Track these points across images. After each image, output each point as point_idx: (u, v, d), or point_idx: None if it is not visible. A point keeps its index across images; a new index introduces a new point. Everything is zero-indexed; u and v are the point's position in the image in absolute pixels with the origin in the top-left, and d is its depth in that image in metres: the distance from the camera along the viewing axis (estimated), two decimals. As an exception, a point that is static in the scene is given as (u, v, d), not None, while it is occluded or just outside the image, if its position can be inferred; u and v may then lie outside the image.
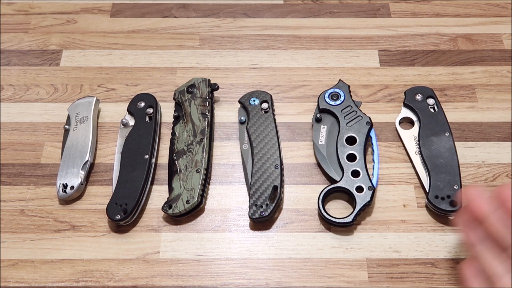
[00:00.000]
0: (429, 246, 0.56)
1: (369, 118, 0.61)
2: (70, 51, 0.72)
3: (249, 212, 0.57)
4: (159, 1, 0.78)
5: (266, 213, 0.56)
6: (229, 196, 0.60)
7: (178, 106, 0.65)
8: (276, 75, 0.70)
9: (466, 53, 0.72)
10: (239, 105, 0.66)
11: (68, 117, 0.64)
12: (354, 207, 0.57)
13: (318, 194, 0.58)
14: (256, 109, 0.64)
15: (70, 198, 0.59)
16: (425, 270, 0.55)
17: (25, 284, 0.55)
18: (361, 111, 0.62)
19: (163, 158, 0.63)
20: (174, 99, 0.66)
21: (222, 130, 0.65)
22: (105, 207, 0.57)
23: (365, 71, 0.70)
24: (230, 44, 0.73)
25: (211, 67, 0.71)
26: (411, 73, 0.70)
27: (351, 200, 0.58)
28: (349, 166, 0.58)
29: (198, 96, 0.64)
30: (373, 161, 0.60)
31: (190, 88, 0.65)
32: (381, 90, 0.68)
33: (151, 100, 0.65)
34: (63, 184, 0.59)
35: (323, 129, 0.62)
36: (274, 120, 0.63)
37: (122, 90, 0.69)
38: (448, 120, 0.62)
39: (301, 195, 0.60)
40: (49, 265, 0.56)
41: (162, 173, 0.62)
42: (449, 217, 0.58)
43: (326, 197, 0.58)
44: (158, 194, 0.60)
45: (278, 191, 0.57)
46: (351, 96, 0.64)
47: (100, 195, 0.60)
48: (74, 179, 0.59)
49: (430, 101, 0.64)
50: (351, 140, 0.60)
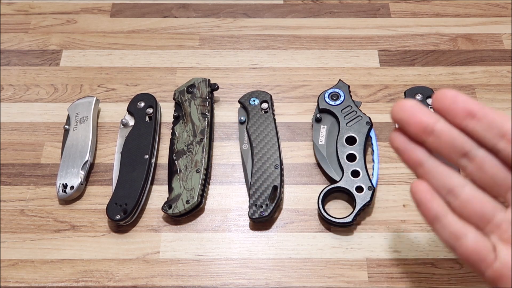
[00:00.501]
0: (429, 246, 0.56)
1: (369, 118, 0.61)
2: (70, 51, 0.72)
3: (249, 212, 0.57)
4: (159, 1, 0.78)
5: (266, 213, 0.56)
6: (229, 196, 0.60)
7: (178, 106, 0.65)
8: (276, 75, 0.70)
9: (466, 53, 0.72)
10: (239, 105, 0.66)
11: (68, 117, 0.64)
12: (354, 207, 0.57)
13: (318, 194, 0.58)
14: (256, 109, 0.64)
15: (70, 198, 0.59)
16: (425, 270, 0.55)
17: (25, 284, 0.55)
18: (361, 111, 0.62)
19: (163, 158, 0.63)
20: (174, 99, 0.66)
21: (222, 130, 0.65)
22: (105, 207, 0.57)
23: (365, 71, 0.70)
24: (230, 44, 0.73)
25: (211, 67, 0.71)
26: (411, 73, 0.70)
27: (351, 200, 0.58)
28: (349, 166, 0.58)
29: (198, 96, 0.64)
30: (373, 161, 0.60)
31: (190, 88, 0.65)
32: (381, 90, 0.68)
33: (151, 100, 0.65)
34: (63, 184, 0.59)
35: (323, 129, 0.62)
36: (274, 120, 0.63)
37: (122, 90, 0.69)
38: (448, 120, 0.62)
39: (301, 195, 0.60)
40: (49, 265, 0.56)
41: (162, 173, 0.62)
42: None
43: (326, 197, 0.58)
44: (158, 194, 0.60)
45: (278, 191, 0.57)
46: (351, 96, 0.64)
47: (100, 195, 0.60)
48: (74, 179, 0.59)
49: (430, 101, 0.64)
50: (351, 140, 0.60)
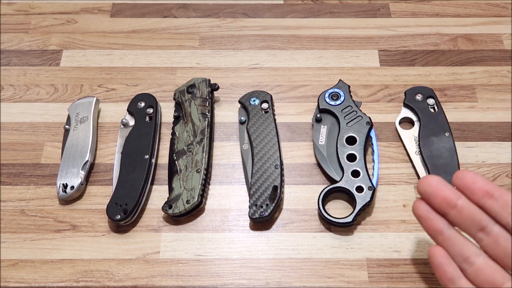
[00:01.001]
0: (429, 246, 0.56)
1: (369, 118, 0.61)
2: (70, 51, 0.72)
3: (249, 212, 0.57)
4: (159, 1, 0.78)
5: (266, 213, 0.56)
6: (229, 196, 0.60)
7: (178, 106, 0.65)
8: (276, 75, 0.70)
9: (466, 53, 0.72)
10: (239, 105, 0.66)
11: (68, 117, 0.64)
12: (354, 207, 0.57)
13: (318, 194, 0.58)
14: (256, 109, 0.64)
15: (70, 198, 0.59)
16: (425, 270, 0.55)
17: (25, 284, 0.55)
18: (361, 111, 0.62)
19: (163, 158, 0.63)
20: (174, 99, 0.66)
21: (222, 130, 0.65)
22: (105, 207, 0.57)
23: (365, 71, 0.70)
24: (230, 44, 0.73)
25: (211, 67, 0.71)
26: (411, 73, 0.70)
27: (351, 200, 0.58)
28: (349, 166, 0.58)
29: (198, 96, 0.64)
30: (373, 161, 0.60)
31: (190, 88, 0.65)
32: (381, 90, 0.68)
33: (151, 100, 0.65)
34: (63, 184, 0.59)
35: (323, 129, 0.62)
36: (274, 120, 0.63)
37: (122, 90, 0.69)
38: (448, 120, 0.62)
39: (301, 195, 0.60)
40: (49, 265, 0.56)
41: (162, 173, 0.62)
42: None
43: (326, 197, 0.58)
44: (158, 194, 0.60)
45: (278, 191, 0.57)
46: (351, 96, 0.64)
47: (100, 195, 0.60)
48: (74, 179, 0.59)
49: (430, 101, 0.64)
50: (351, 140, 0.60)
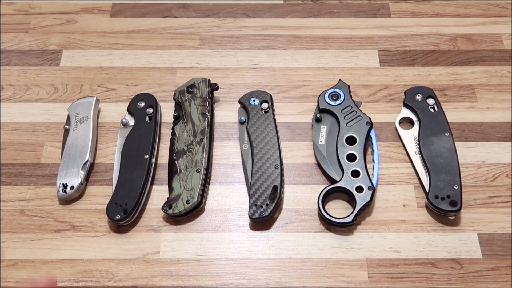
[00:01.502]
0: (429, 246, 0.56)
1: (369, 118, 0.61)
2: (70, 51, 0.72)
3: (249, 212, 0.57)
4: (159, 1, 0.78)
5: (266, 213, 0.56)
6: (229, 196, 0.60)
7: (178, 106, 0.65)
8: (276, 75, 0.70)
9: (466, 53, 0.72)
10: (239, 105, 0.66)
11: (68, 117, 0.64)
12: (354, 207, 0.57)
13: (318, 194, 0.58)
14: (256, 109, 0.64)
15: (70, 198, 0.59)
16: (425, 270, 0.55)
17: (25, 284, 0.55)
18: (361, 111, 0.62)
19: (163, 158, 0.63)
20: (174, 99, 0.66)
21: (222, 130, 0.65)
22: (105, 207, 0.57)
23: (365, 71, 0.70)
24: (230, 44, 0.73)
25: (211, 67, 0.71)
26: (411, 73, 0.70)
27: (351, 200, 0.58)
28: (349, 166, 0.58)
29: (198, 96, 0.64)
30: (373, 161, 0.60)
31: (190, 88, 0.65)
32: (381, 90, 0.68)
33: (151, 100, 0.65)
34: (63, 184, 0.59)
35: (323, 129, 0.62)
36: (274, 120, 0.63)
37: (122, 90, 0.69)
38: (448, 120, 0.62)
39: (301, 195, 0.60)
40: (49, 265, 0.56)
41: (162, 173, 0.62)
42: (449, 217, 0.58)
43: (326, 197, 0.58)
44: (158, 194, 0.60)
45: (278, 191, 0.57)
46: (351, 96, 0.64)
47: (100, 195, 0.60)
48: (74, 179, 0.59)
49: (430, 101, 0.64)
50: (351, 140, 0.60)
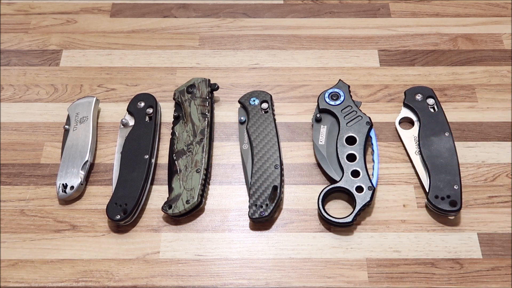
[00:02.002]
0: (429, 246, 0.56)
1: (369, 118, 0.61)
2: (70, 51, 0.72)
3: (249, 212, 0.57)
4: (159, 1, 0.78)
5: (266, 213, 0.56)
6: (229, 196, 0.60)
7: (178, 106, 0.65)
8: (276, 75, 0.70)
9: (466, 53, 0.72)
10: (239, 105, 0.66)
11: (68, 117, 0.64)
12: (354, 207, 0.57)
13: (318, 194, 0.58)
14: (256, 109, 0.64)
15: (70, 198, 0.59)
16: (425, 270, 0.55)
17: (25, 284, 0.55)
18: (361, 111, 0.62)
19: (163, 158, 0.63)
20: (174, 99, 0.66)
21: (222, 130, 0.65)
22: (105, 207, 0.57)
23: (365, 71, 0.70)
24: (230, 44, 0.73)
25: (211, 67, 0.71)
26: (411, 73, 0.70)
27: (351, 200, 0.58)
28: (349, 166, 0.58)
29: (198, 96, 0.64)
30: (373, 161, 0.60)
31: (190, 88, 0.65)
32: (381, 90, 0.68)
33: (151, 100, 0.65)
34: (63, 184, 0.59)
35: (323, 129, 0.62)
36: (274, 120, 0.63)
37: (122, 90, 0.69)
38: (448, 120, 0.62)
39: (301, 195, 0.60)
40: (49, 265, 0.56)
41: (162, 173, 0.62)
42: (449, 217, 0.58)
43: (326, 197, 0.58)
44: (158, 194, 0.60)
45: (278, 191, 0.57)
46: (351, 96, 0.64)
47: (100, 195, 0.60)
48: (74, 179, 0.59)
49: (430, 101, 0.64)
50: (351, 140, 0.60)
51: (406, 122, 0.65)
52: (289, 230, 0.58)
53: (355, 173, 0.58)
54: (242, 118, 0.64)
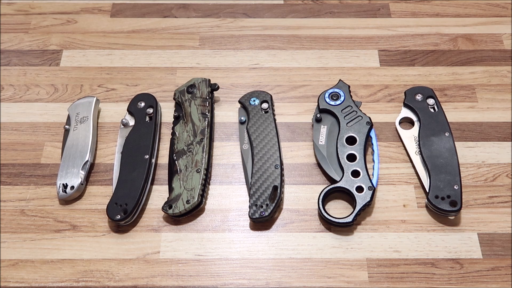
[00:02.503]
0: (429, 246, 0.56)
1: (369, 118, 0.61)
2: (70, 51, 0.72)
3: (249, 212, 0.57)
4: (159, 1, 0.78)
5: (266, 213, 0.56)
6: (229, 196, 0.60)
7: (178, 106, 0.65)
8: (276, 75, 0.70)
9: (466, 53, 0.72)
10: (239, 105, 0.66)
11: (68, 117, 0.64)
12: (354, 207, 0.57)
13: (318, 194, 0.58)
14: (256, 109, 0.64)
15: (70, 198, 0.59)
16: (425, 270, 0.55)
17: (25, 284, 0.55)
18: (361, 111, 0.62)
19: (163, 158, 0.63)
20: (174, 99, 0.66)
21: (222, 130, 0.65)
22: (105, 207, 0.57)
23: (365, 71, 0.70)
24: (230, 44, 0.73)
25: (211, 67, 0.71)
26: (411, 73, 0.70)
27: (351, 200, 0.58)
28: (349, 166, 0.58)
29: (198, 96, 0.64)
30: (373, 161, 0.60)
31: (190, 88, 0.65)
32: (381, 90, 0.68)
33: (151, 100, 0.65)
34: (63, 184, 0.59)
35: (323, 129, 0.62)
36: (274, 120, 0.63)
37: (122, 90, 0.69)
38: (448, 120, 0.62)
39: (301, 195, 0.60)
40: (49, 265, 0.56)
41: (162, 173, 0.62)
42: (449, 217, 0.58)
43: (326, 197, 0.58)
44: (158, 194, 0.60)
45: (278, 191, 0.57)
46: (351, 96, 0.64)
47: (100, 195, 0.60)
48: (74, 179, 0.59)
49: (430, 101, 0.64)
50: (351, 140, 0.60)
51: (406, 122, 0.65)
52: (289, 230, 0.58)
53: (355, 173, 0.58)
54: (242, 118, 0.64)
